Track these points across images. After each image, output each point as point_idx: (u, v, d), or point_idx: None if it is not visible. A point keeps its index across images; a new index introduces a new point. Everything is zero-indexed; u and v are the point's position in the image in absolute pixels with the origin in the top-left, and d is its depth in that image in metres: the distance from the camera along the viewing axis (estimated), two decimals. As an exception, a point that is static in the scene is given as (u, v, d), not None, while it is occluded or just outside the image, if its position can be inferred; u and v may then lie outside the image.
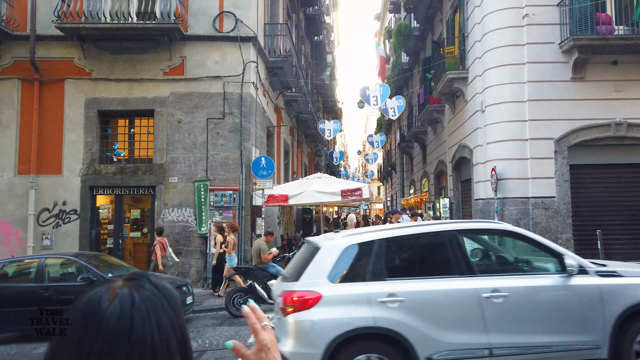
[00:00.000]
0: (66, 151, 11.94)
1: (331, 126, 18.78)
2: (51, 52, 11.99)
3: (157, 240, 10.60)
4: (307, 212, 21.21)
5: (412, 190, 27.56)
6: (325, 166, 34.43)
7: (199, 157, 12.04)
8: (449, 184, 16.93)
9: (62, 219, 11.82)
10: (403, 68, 25.23)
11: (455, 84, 14.43)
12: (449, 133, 16.78)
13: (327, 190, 12.01)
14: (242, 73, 12.16)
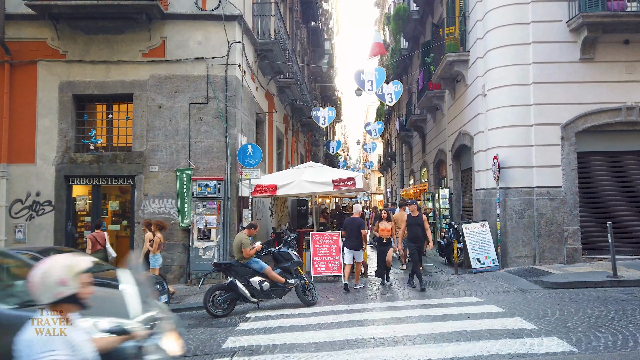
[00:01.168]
0: (39, 138, 11.19)
1: (326, 113, 17.98)
2: (22, 32, 11.20)
3: (92, 235, 9.88)
4: (303, 204, 20.48)
5: (412, 180, 26.80)
6: (324, 156, 33.66)
7: (181, 144, 11.28)
8: (449, 174, 16.16)
9: (36, 211, 11.10)
10: (402, 54, 24.34)
11: (455, 67, 13.61)
12: (448, 120, 15.98)
13: (318, 180, 11.25)
14: (226, 54, 11.36)
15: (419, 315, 7.51)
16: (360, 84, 13.68)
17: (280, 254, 8.90)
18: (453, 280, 10.78)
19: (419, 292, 9.40)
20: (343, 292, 9.85)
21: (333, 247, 11.09)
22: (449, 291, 9.51)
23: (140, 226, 11.14)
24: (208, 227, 11.00)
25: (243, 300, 8.55)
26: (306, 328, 7.19)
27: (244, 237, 8.57)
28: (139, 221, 11.17)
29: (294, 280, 8.70)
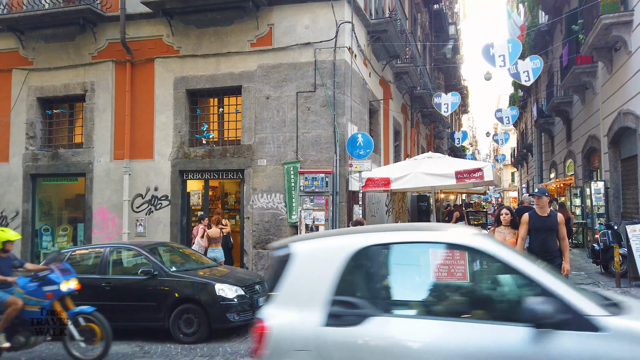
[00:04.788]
0: (157, 134, 11.45)
1: (449, 100, 16.16)
2: (141, 31, 11.55)
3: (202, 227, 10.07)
4: (424, 200, 18.90)
5: (553, 174, 23.44)
6: (448, 150, 31.30)
7: (288, 136, 10.67)
8: (604, 164, 13.37)
9: (154, 205, 11.37)
10: (540, 30, 21.26)
11: (613, 32, 11.04)
12: (603, 99, 13.20)
13: (438, 172, 9.78)
14: (335, 36, 10.45)
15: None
16: (490, 60, 11.76)
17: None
18: (614, 295, 8.55)
19: None
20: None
21: (457, 250, 9.53)
22: (611, 311, 7.44)
23: (249, 221, 10.81)
24: (316, 223, 10.22)
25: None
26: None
27: (350, 236, 7.53)
28: (248, 216, 10.82)
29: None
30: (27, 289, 5.94)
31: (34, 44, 12.17)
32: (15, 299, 5.87)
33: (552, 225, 5.95)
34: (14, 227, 12.02)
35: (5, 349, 5.88)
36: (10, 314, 5.81)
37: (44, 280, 5.91)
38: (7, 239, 6.13)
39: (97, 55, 11.82)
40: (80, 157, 11.81)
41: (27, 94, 12.20)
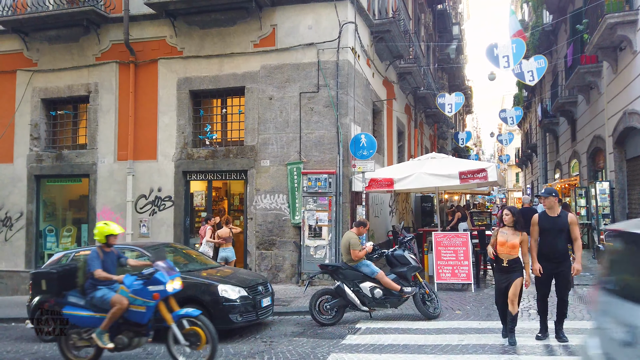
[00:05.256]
0: (160, 135, 11.45)
1: (452, 100, 16.08)
2: (144, 32, 11.57)
3: (209, 228, 10.06)
4: (428, 200, 18.86)
5: (558, 174, 23.32)
6: (452, 150, 31.19)
7: (291, 137, 10.65)
8: (609, 164, 13.28)
9: (158, 206, 11.38)
10: (545, 30, 21.15)
11: (618, 32, 10.96)
12: (608, 99, 13.12)
13: (441, 172, 9.74)
14: (338, 37, 10.43)
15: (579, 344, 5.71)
16: (494, 61, 11.70)
17: (395, 257, 7.68)
18: (619, 296, 8.48)
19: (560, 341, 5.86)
20: (473, 304, 8.28)
21: (460, 250, 9.51)
22: (616, 312, 7.37)
23: (252, 222, 10.80)
24: (319, 224, 10.20)
25: (353, 308, 7.52)
26: (424, 349, 5.91)
27: (353, 237, 7.53)
28: (252, 217, 10.82)
29: (411, 289, 7.43)
30: (133, 287, 5.59)
31: (38, 45, 12.21)
32: (120, 298, 5.56)
33: (562, 226, 5.74)
34: (18, 228, 12.09)
35: (109, 349, 5.62)
36: (115, 314, 5.52)
37: (150, 279, 5.55)
38: (110, 233, 5.83)
39: (101, 57, 11.85)
40: (84, 158, 11.84)
41: (32, 95, 12.24)
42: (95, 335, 5.55)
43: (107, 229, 5.85)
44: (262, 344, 6.59)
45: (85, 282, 5.78)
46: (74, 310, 5.73)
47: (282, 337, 6.92)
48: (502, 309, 5.94)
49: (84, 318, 5.69)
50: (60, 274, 5.84)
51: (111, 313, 5.51)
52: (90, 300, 5.70)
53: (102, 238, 5.85)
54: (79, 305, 5.75)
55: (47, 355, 6.54)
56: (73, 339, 5.81)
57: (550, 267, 5.75)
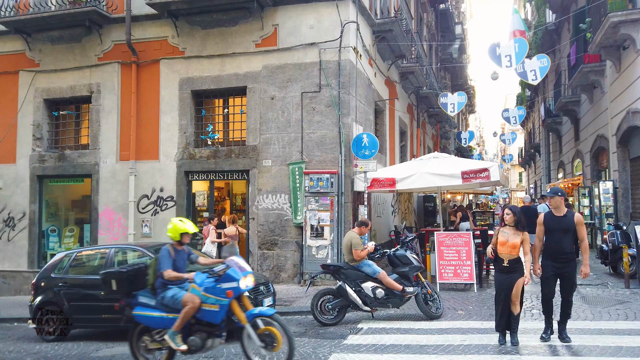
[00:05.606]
0: (162, 135, 11.46)
1: (455, 99, 16.03)
2: (146, 32, 11.58)
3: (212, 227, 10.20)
4: (430, 200, 18.80)
5: (561, 174, 23.25)
6: (455, 150, 31.13)
7: (293, 136, 10.64)
8: (612, 164, 13.23)
9: (160, 206, 11.39)
10: (548, 29, 21.08)
11: (621, 30, 10.92)
12: (612, 98, 13.07)
13: (444, 172, 9.70)
14: (339, 36, 10.41)
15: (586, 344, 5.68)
16: (496, 60, 11.65)
17: (397, 257, 7.66)
18: (623, 296, 8.46)
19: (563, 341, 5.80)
20: (475, 304, 8.24)
21: (463, 250, 9.47)
22: (619, 312, 7.35)
23: (254, 221, 10.79)
24: (321, 224, 10.18)
25: (355, 308, 7.50)
26: (426, 349, 5.88)
27: (354, 237, 7.51)
28: (254, 217, 10.81)
29: (413, 289, 7.39)
30: (205, 285, 5.29)
31: (40, 45, 12.24)
32: (192, 297, 5.25)
33: (568, 226, 5.65)
34: (21, 228, 12.12)
35: (183, 351, 5.28)
36: (187, 313, 5.20)
37: (222, 276, 5.25)
38: (184, 231, 5.53)
39: (103, 57, 11.87)
40: (86, 158, 11.86)
41: (34, 95, 12.27)
42: (168, 337, 5.27)
43: (182, 227, 5.54)
44: (264, 344, 6.56)
45: (156, 282, 5.51)
46: (145, 311, 5.48)
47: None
48: (501, 309, 5.85)
49: (156, 319, 5.43)
50: (130, 274, 5.65)
51: (183, 312, 5.21)
52: (161, 300, 5.43)
53: (176, 235, 5.54)
54: (150, 305, 5.50)
55: (48, 355, 6.54)
56: (145, 341, 5.55)
57: (556, 267, 5.69)
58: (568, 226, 5.67)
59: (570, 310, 5.87)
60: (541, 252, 5.89)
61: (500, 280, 5.84)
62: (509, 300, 5.75)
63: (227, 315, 5.30)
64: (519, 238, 5.69)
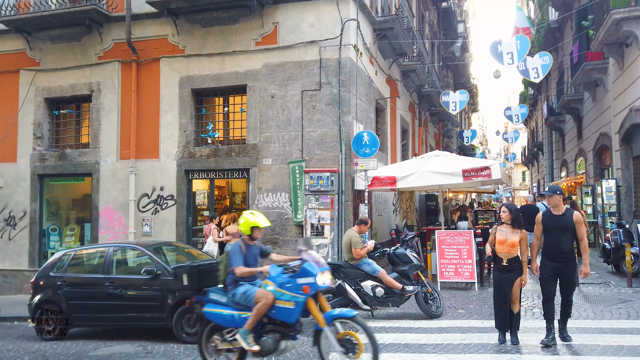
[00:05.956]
0: (162, 134, 11.43)
1: (457, 98, 15.97)
2: (146, 30, 11.55)
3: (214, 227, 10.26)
4: (432, 199, 18.73)
5: (564, 173, 23.14)
6: (458, 149, 31.02)
7: (293, 135, 10.60)
8: (615, 162, 13.15)
9: (160, 205, 11.37)
10: (550, 27, 20.98)
11: (624, 27, 10.85)
12: (614, 96, 12.99)
13: (444, 170, 9.66)
14: (340, 34, 10.36)
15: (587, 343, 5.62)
16: (498, 58, 11.59)
17: (397, 256, 7.62)
18: (625, 295, 8.40)
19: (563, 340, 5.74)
20: (476, 303, 8.19)
21: (464, 249, 9.42)
22: (621, 310, 7.29)
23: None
24: (321, 222, 10.14)
25: (354, 307, 7.45)
26: (425, 348, 5.84)
27: (354, 235, 7.47)
28: (254, 216, 10.76)
29: (413, 287, 7.35)
30: (278, 281, 4.93)
31: (40, 44, 12.23)
32: (265, 293, 4.87)
33: (566, 225, 5.55)
34: (22, 227, 12.13)
35: (255, 352, 4.88)
36: (260, 310, 4.83)
37: (298, 271, 4.86)
38: (255, 225, 5.19)
39: (103, 56, 11.85)
40: (86, 157, 11.85)
41: (35, 94, 12.27)
42: (240, 336, 4.93)
43: (253, 220, 5.19)
44: (262, 343, 6.53)
45: (227, 278, 5.23)
46: (216, 308, 5.18)
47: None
48: (499, 308, 5.80)
49: (226, 317, 5.11)
50: (202, 269, 5.42)
51: (256, 309, 4.85)
52: (233, 298, 5.14)
53: (247, 229, 5.21)
54: (221, 302, 5.21)
55: (47, 354, 6.53)
56: (214, 340, 5.23)
57: (555, 267, 5.60)
58: (567, 225, 5.58)
59: (570, 310, 5.82)
60: (540, 252, 5.83)
61: (499, 279, 5.78)
62: (509, 300, 5.70)
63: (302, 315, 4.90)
64: (517, 236, 5.62)
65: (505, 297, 5.70)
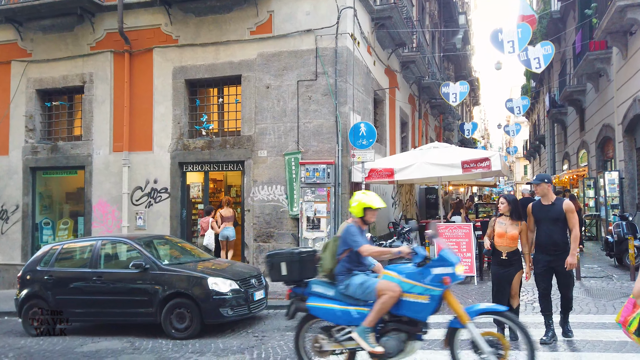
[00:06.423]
0: (156, 126, 11.22)
1: (457, 89, 15.69)
2: (139, 20, 11.31)
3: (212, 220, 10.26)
4: (432, 192, 18.49)
5: (566, 165, 22.87)
6: (459, 142, 30.71)
7: (289, 126, 10.37)
8: (618, 154, 12.89)
9: (154, 198, 11.17)
10: (553, 17, 20.63)
11: (628, 14, 10.55)
12: (618, 86, 12.71)
13: (443, 161, 9.42)
14: (336, 22, 10.11)
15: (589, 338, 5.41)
16: (498, 46, 11.30)
17: (393, 249, 7.38)
18: (628, 289, 8.16)
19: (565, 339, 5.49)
20: (475, 297, 7.98)
21: (463, 242, 9.21)
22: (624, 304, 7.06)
23: (249, 213, 10.56)
24: (317, 215, 9.93)
25: (349, 302, 7.25)
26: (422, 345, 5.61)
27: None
28: (249, 209, 10.58)
29: (410, 282, 7.11)
30: (406, 271, 4.23)
31: (32, 35, 11.99)
32: (389, 284, 4.19)
33: (556, 215, 5.25)
34: (14, 220, 11.95)
35: (378, 354, 4.20)
36: (385, 304, 4.15)
37: (433, 259, 4.18)
38: (367, 206, 4.49)
39: (96, 46, 11.61)
40: (79, 150, 11.65)
41: (26, 85, 12.05)
42: (358, 335, 4.24)
43: (366, 201, 4.50)
44: (254, 338, 6.36)
45: (336, 267, 4.51)
46: (324, 303, 4.48)
47: (275, 331, 6.68)
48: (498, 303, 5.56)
49: (337, 312, 4.41)
50: (303, 256, 4.78)
51: (380, 304, 4.17)
52: (344, 290, 4.42)
53: (359, 211, 4.54)
54: (327, 296, 4.50)
55: (32, 350, 6.35)
56: (319, 340, 4.51)
57: (548, 260, 5.32)
58: (557, 215, 5.28)
59: (571, 305, 5.57)
60: (533, 245, 5.56)
61: (497, 273, 5.50)
62: (508, 294, 5.47)
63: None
64: (517, 229, 5.37)
65: (504, 292, 5.46)
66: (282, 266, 4.74)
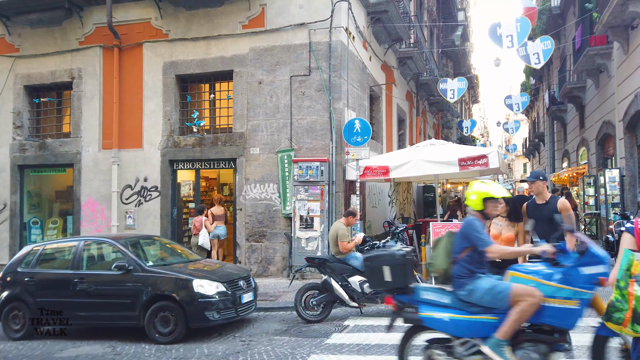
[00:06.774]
0: (146, 122, 10.95)
1: (455, 85, 15.41)
2: (128, 14, 11.03)
3: (205, 218, 10.00)
4: (430, 191, 18.23)
5: (566, 163, 22.61)
6: (458, 140, 30.43)
7: (282, 123, 10.11)
8: (619, 151, 12.63)
9: (144, 197, 10.91)
10: (553, 13, 20.36)
11: (630, 8, 10.29)
12: (619, 82, 12.43)
13: (440, 159, 9.16)
14: (330, 16, 9.83)
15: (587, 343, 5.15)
16: (497, 41, 11.02)
17: (387, 249, 7.12)
18: (630, 291, 7.89)
19: None
20: (472, 300, 7.72)
21: (460, 242, 8.93)
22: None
23: (241, 212, 10.30)
24: (311, 214, 9.67)
25: (342, 304, 7.01)
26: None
27: (341, 227, 7.02)
28: (241, 208, 10.32)
29: (404, 283, 6.85)
30: (542, 272, 3.66)
31: (20, 29, 11.71)
32: (527, 289, 3.60)
33: (551, 214, 4.83)
34: (2, 220, 11.70)
35: None
36: (525, 312, 3.56)
37: (581, 257, 3.54)
38: (489, 196, 3.94)
39: (84, 41, 11.34)
40: (68, 147, 11.38)
41: (14, 81, 11.77)
42: (490, 349, 3.61)
43: (486, 190, 3.94)
44: (240, 343, 6.10)
45: (453, 269, 3.96)
46: (439, 312, 3.86)
47: (263, 335, 6.42)
48: None
49: (462, 323, 3.78)
50: (409, 259, 4.12)
51: (518, 312, 3.56)
52: (467, 296, 3.81)
53: (478, 203, 3.96)
54: (443, 304, 3.91)
55: (10, 355, 6.09)
56: (435, 356, 3.90)
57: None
58: (551, 214, 4.87)
59: None
60: None
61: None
62: None
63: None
64: (513, 230, 5.09)
65: None
66: (385, 271, 4.03)
